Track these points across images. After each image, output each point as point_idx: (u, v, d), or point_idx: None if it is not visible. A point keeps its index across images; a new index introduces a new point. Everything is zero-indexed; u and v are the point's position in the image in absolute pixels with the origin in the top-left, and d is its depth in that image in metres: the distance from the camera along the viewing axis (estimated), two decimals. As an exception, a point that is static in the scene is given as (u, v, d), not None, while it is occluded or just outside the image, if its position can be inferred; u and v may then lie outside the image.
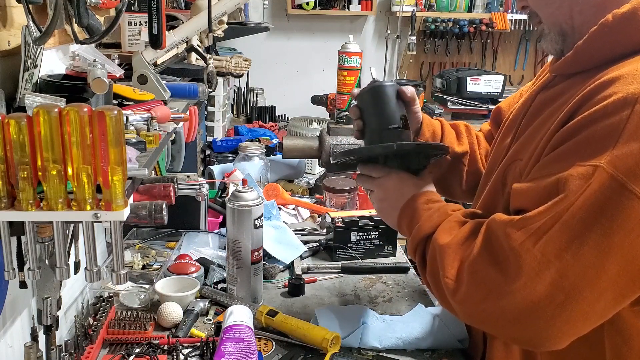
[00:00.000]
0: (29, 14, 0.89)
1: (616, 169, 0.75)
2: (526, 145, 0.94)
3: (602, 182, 0.75)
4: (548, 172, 0.83)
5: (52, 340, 1.00)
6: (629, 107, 0.75)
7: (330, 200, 1.92)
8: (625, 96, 0.77)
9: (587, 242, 0.76)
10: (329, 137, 2.02)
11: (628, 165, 0.74)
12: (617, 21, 0.84)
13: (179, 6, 2.16)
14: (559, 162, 0.82)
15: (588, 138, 0.79)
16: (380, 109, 1.14)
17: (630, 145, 0.75)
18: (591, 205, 0.76)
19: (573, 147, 0.81)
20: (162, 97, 1.35)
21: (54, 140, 0.71)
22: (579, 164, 0.78)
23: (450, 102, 3.64)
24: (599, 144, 0.77)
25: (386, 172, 1.09)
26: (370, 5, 4.03)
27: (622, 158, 0.75)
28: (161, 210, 1.27)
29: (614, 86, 0.79)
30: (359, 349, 1.18)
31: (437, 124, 1.30)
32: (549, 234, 0.77)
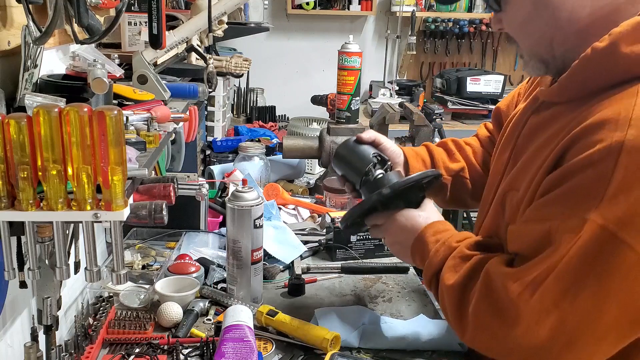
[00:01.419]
0: (29, 14, 0.89)
1: (606, 219, 0.76)
2: (522, 175, 0.95)
3: (592, 233, 0.76)
4: (539, 216, 0.85)
5: (52, 340, 1.00)
6: (613, 157, 0.76)
7: (330, 200, 1.92)
8: (609, 145, 0.77)
9: (583, 290, 0.77)
10: (329, 137, 2.02)
11: (617, 215, 0.75)
12: (597, 55, 0.84)
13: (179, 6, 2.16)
14: (549, 207, 0.84)
15: (576, 187, 0.80)
16: (350, 165, 1.22)
17: (617, 197, 0.76)
18: (584, 256, 0.77)
19: (562, 195, 0.82)
20: (162, 97, 1.35)
21: (54, 140, 0.71)
22: (569, 214, 0.80)
23: (450, 102, 3.64)
24: (587, 195, 0.78)
25: (387, 216, 1.12)
26: (370, 5, 4.03)
27: (610, 209, 0.76)
28: (161, 210, 1.27)
29: (599, 133, 0.79)
30: (359, 349, 1.18)
31: (423, 151, 1.33)
32: (544, 284, 0.79)
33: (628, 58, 0.81)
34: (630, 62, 0.82)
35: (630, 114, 0.78)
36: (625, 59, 0.82)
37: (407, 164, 1.29)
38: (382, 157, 1.19)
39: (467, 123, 3.61)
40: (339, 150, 1.25)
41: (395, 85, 3.86)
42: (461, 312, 0.91)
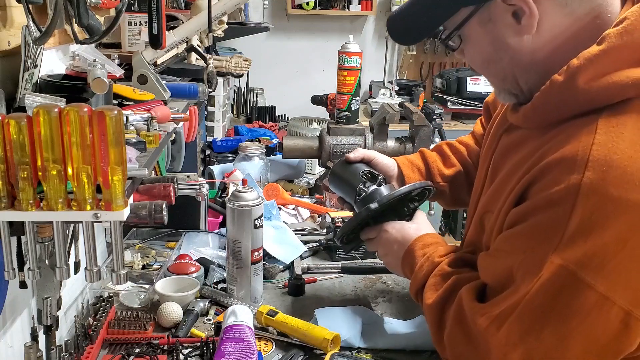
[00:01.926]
0: (29, 14, 0.89)
1: (565, 260, 0.77)
2: (495, 198, 0.96)
3: (553, 272, 0.78)
4: (503, 249, 0.88)
5: (52, 340, 1.00)
6: (571, 199, 0.77)
7: (330, 200, 1.91)
8: (566, 187, 0.77)
9: (546, 327, 0.79)
10: (329, 137, 2.02)
11: (576, 256, 0.76)
12: (556, 89, 0.84)
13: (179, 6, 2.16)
14: (512, 241, 0.86)
15: (537, 226, 0.81)
16: (343, 186, 1.26)
17: (575, 239, 0.76)
18: (545, 294, 0.79)
19: (524, 232, 0.84)
20: (162, 97, 1.35)
21: (54, 140, 0.71)
22: (530, 252, 0.81)
23: (450, 102, 3.64)
24: (547, 235, 0.79)
25: (379, 230, 1.15)
26: (370, 5, 4.03)
27: (569, 251, 0.77)
28: (161, 210, 1.27)
29: (559, 172, 0.80)
30: (359, 349, 1.18)
31: (418, 159, 1.34)
32: (509, 320, 0.82)
33: (586, 93, 0.81)
34: (589, 96, 0.81)
35: (587, 154, 0.77)
36: (583, 94, 0.81)
37: (402, 175, 1.30)
38: (372, 174, 1.22)
39: (467, 123, 3.60)
40: (331, 174, 1.30)
41: (395, 85, 3.86)
42: (439, 332, 0.95)
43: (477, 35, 0.91)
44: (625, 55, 0.79)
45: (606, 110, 0.80)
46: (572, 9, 0.84)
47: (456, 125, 3.59)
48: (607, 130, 0.78)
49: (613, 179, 0.75)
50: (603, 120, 0.80)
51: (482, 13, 0.88)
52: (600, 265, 0.76)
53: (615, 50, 0.79)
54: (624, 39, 0.79)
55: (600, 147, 0.77)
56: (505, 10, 0.86)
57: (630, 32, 0.79)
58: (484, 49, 0.92)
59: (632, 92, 0.79)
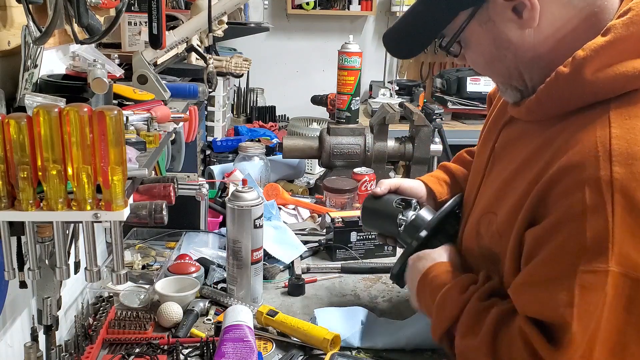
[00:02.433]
0: (29, 14, 0.89)
1: (624, 267, 0.74)
2: (499, 199, 0.93)
3: (617, 285, 0.74)
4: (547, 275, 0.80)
5: (52, 340, 1.00)
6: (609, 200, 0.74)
7: (330, 200, 1.91)
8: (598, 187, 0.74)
9: (628, 345, 0.76)
10: (329, 137, 2.02)
11: (633, 259, 0.74)
12: (562, 81, 0.83)
13: (179, 6, 2.16)
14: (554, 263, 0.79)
15: (578, 237, 0.76)
16: (380, 222, 1.26)
17: (626, 240, 0.74)
18: (617, 311, 0.75)
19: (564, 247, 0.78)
20: (162, 97, 1.35)
21: (54, 140, 0.71)
22: (583, 270, 0.76)
23: (450, 102, 3.64)
24: (595, 245, 0.75)
25: None
26: (370, 5, 4.03)
27: (624, 255, 0.74)
28: (161, 210, 1.27)
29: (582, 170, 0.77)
30: (359, 349, 1.17)
31: (441, 173, 1.33)
32: (594, 356, 0.76)
33: (593, 84, 0.80)
34: (596, 87, 0.80)
35: (608, 149, 0.76)
36: (590, 85, 0.80)
37: (432, 192, 1.29)
38: (405, 200, 1.20)
39: (467, 123, 3.60)
40: (363, 214, 1.28)
41: (395, 85, 3.86)
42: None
43: (478, 37, 0.91)
44: (632, 45, 0.79)
45: (613, 102, 0.80)
46: (570, 0, 0.84)
47: (456, 125, 3.59)
48: (621, 123, 0.78)
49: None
50: (614, 112, 0.79)
51: (481, 14, 0.88)
52: None
53: (621, 41, 0.79)
54: (630, 29, 0.79)
55: (619, 140, 0.76)
56: (504, 7, 0.86)
57: (636, 23, 0.79)
58: (486, 49, 0.92)
59: (638, 83, 0.79)
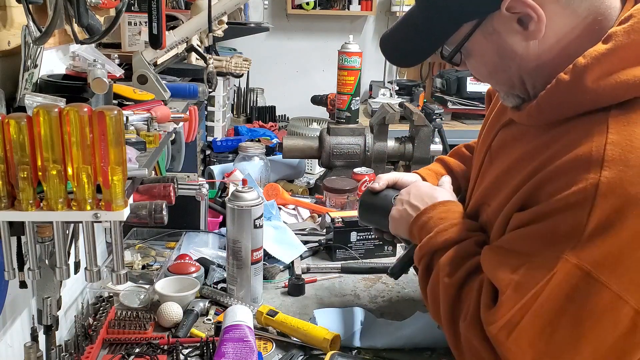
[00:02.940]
0: (29, 14, 0.89)
1: (581, 259, 0.76)
2: (494, 191, 0.95)
3: (567, 272, 0.77)
4: (514, 248, 0.85)
5: (52, 340, 1.00)
6: (589, 200, 0.76)
7: (330, 200, 1.91)
8: (584, 187, 0.77)
9: (558, 330, 0.78)
10: (329, 137, 2.02)
11: (593, 256, 0.76)
12: (563, 88, 0.83)
13: (179, 6, 2.16)
14: (524, 241, 0.84)
15: (553, 227, 0.80)
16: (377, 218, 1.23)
17: (594, 239, 0.76)
18: (558, 295, 0.77)
19: (538, 232, 0.82)
20: (162, 97, 1.35)
21: (54, 140, 0.71)
22: (543, 251, 0.80)
23: (450, 102, 3.64)
24: (564, 235, 0.78)
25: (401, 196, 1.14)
26: (370, 5, 4.03)
27: (586, 251, 0.76)
28: (161, 210, 1.27)
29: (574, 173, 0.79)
30: (359, 349, 1.17)
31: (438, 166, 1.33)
32: (519, 326, 0.80)
33: (594, 92, 0.80)
34: (597, 95, 0.81)
35: (601, 154, 0.77)
36: (591, 93, 0.81)
37: None
38: None
39: (467, 123, 3.60)
40: (361, 208, 1.27)
41: (395, 85, 3.86)
42: (453, 323, 0.92)
43: (481, 48, 0.91)
44: (633, 53, 0.79)
45: (614, 108, 0.80)
46: (574, 9, 0.84)
47: (456, 125, 3.59)
48: (619, 130, 0.78)
49: (631, 177, 0.75)
50: (613, 119, 0.79)
51: (486, 25, 0.87)
52: (614, 265, 0.75)
53: (622, 49, 0.79)
54: (631, 37, 0.79)
55: (614, 146, 0.77)
56: (509, 18, 0.85)
57: (637, 30, 0.79)
58: (489, 60, 0.92)
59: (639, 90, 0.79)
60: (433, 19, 0.91)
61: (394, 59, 1.01)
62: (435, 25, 0.91)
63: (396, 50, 0.99)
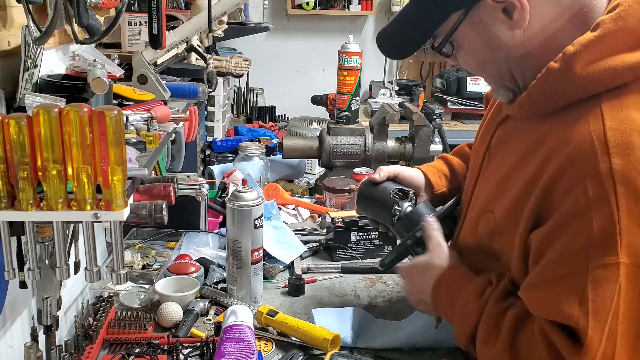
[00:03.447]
0: (29, 14, 0.89)
1: (634, 257, 0.74)
2: (496, 197, 0.94)
3: (629, 276, 0.75)
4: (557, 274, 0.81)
5: (52, 340, 1.00)
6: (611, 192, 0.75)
7: (330, 200, 1.91)
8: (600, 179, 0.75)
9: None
10: (329, 137, 2.02)
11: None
12: (553, 76, 0.84)
13: (179, 6, 2.16)
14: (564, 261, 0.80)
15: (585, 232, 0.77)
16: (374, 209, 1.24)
17: (631, 229, 0.74)
18: (632, 302, 0.75)
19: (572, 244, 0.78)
20: (162, 97, 1.35)
21: (54, 140, 0.71)
22: (593, 265, 0.76)
23: (450, 102, 3.64)
24: (602, 239, 0.76)
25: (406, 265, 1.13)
26: (370, 5, 4.03)
27: (633, 245, 0.74)
28: (161, 210, 1.27)
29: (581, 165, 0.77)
30: (359, 349, 1.17)
31: (442, 164, 1.32)
32: (616, 353, 0.76)
33: (584, 78, 0.81)
34: (586, 82, 0.81)
35: (603, 140, 0.77)
36: (580, 80, 0.82)
37: (430, 183, 1.28)
38: (402, 191, 1.19)
39: (467, 123, 3.60)
40: (359, 197, 1.27)
41: (395, 85, 3.86)
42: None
43: (469, 39, 0.92)
44: (620, 40, 0.81)
45: (604, 95, 0.81)
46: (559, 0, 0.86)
47: (456, 125, 3.59)
48: (614, 115, 0.79)
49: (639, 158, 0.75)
50: (606, 105, 0.80)
51: (472, 15, 0.89)
52: None
53: (610, 36, 0.81)
54: (619, 24, 0.81)
55: (614, 132, 0.77)
56: (495, 8, 0.87)
57: (624, 18, 0.81)
58: (478, 50, 0.93)
59: (628, 76, 0.80)
60: (423, 8, 0.94)
61: (388, 51, 1.03)
62: (425, 14, 0.94)
63: (390, 43, 1.01)
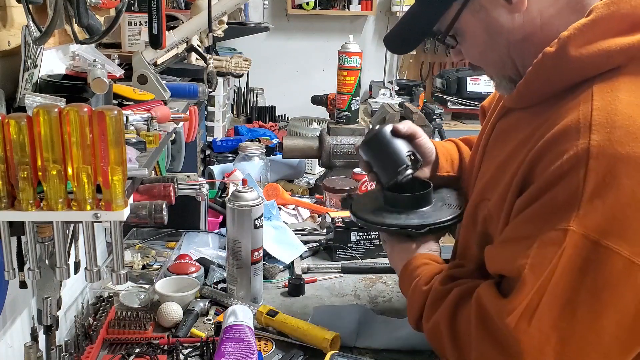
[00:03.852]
0: (29, 14, 0.89)
1: (586, 228, 0.75)
2: (492, 185, 0.95)
3: (575, 245, 0.76)
4: (517, 235, 0.84)
5: (52, 340, 1.00)
6: (582, 165, 0.76)
7: (330, 200, 1.91)
8: (575, 154, 0.77)
9: (579, 306, 0.76)
10: (329, 137, 2.02)
11: (597, 222, 0.75)
12: (548, 60, 0.86)
13: (179, 6, 2.16)
14: (526, 224, 0.83)
15: (551, 201, 0.79)
16: (381, 159, 1.16)
17: (593, 203, 0.75)
18: (571, 271, 0.76)
19: (537, 211, 0.81)
20: (162, 97, 1.35)
21: (54, 140, 0.71)
22: (547, 228, 0.78)
23: (450, 102, 3.64)
24: (563, 207, 0.77)
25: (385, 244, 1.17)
26: (370, 5, 4.03)
27: (589, 217, 0.75)
28: (161, 210, 1.27)
29: (563, 143, 0.79)
30: (359, 349, 1.17)
31: (453, 148, 1.30)
32: (539, 309, 0.77)
33: (578, 60, 0.83)
34: (580, 64, 0.83)
35: (589, 119, 0.79)
36: (574, 62, 0.83)
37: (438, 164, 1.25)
38: (415, 157, 1.16)
39: (467, 123, 3.60)
40: (372, 138, 1.17)
41: (395, 85, 3.86)
42: (457, 347, 0.88)
43: (471, 27, 0.94)
44: (613, 24, 0.83)
45: (597, 78, 0.83)
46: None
47: (456, 125, 3.59)
48: (603, 96, 0.81)
49: (618, 138, 0.76)
50: (597, 87, 0.82)
51: (473, 3, 0.92)
52: (621, 229, 0.74)
53: (602, 20, 0.83)
54: (611, 9, 0.83)
55: (600, 111, 0.79)
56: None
57: (616, 3, 0.83)
58: (480, 38, 0.95)
59: (620, 59, 0.82)
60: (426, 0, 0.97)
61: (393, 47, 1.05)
62: (428, 5, 0.97)
63: (395, 39, 1.03)
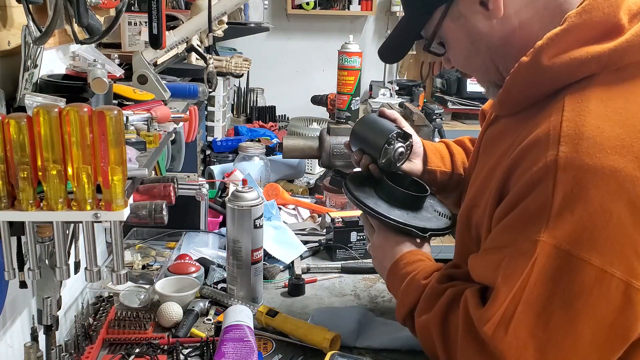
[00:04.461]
0: (29, 14, 0.89)
1: (557, 239, 0.76)
2: (481, 192, 0.96)
3: (547, 255, 0.77)
4: (494, 245, 0.86)
5: (52, 340, 1.00)
6: (551, 176, 0.77)
7: (330, 200, 1.91)
8: (544, 165, 0.78)
9: (553, 315, 0.77)
10: (329, 137, 2.02)
11: (567, 233, 0.76)
12: (523, 70, 0.87)
13: (179, 6, 2.16)
14: (501, 235, 0.85)
15: (523, 212, 0.81)
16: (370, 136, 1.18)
17: (562, 215, 0.76)
18: (543, 281, 0.77)
19: (511, 222, 0.83)
20: (162, 97, 1.35)
21: (54, 140, 0.71)
22: (521, 239, 0.80)
23: (450, 102, 3.64)
24: (534, 218, 0.78)
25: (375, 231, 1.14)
26: (370, 5, 4.03)
27: (559, 228, 0.76)
28: (161, 210, 1.27)
29: (534, 154, 0.80)
30: (359, 349, 1.17)
31: (443, 147, 1.31)
32: (515, 318, 0.79)
33: (550, 70, 0.83)
34: (553, 73, 0.84)
35: (558, 130, 0.79)
36: (548, 71, 0.84)
37: (426, 157, 1.27)
38: (404, 132, 1.17)
39: (467, 123, 3.60)
40: (359, 122, 1.23)
41: (395, 85, 3.86)
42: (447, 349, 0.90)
43: (454, 34, 0.96)
44: (585, 33, 0.83)
45: (571, 88, 0.83)
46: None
47: (456, 125, 3.59)
48: (573, 107, 0.81)
49: (586, 149, 0.77)
50: (569, 97, 0.83)
51: (453, 10, 0.93)
52: (591, 239, 0.75)
53: (575, 29, 0.83)
54: (583, 17, 0.83)
55: (569, 122, 0.80)
56: (472, 1, 0.91)
57: (588, 12, 0.83)
58: (462, 44, 0.96)
59: (593, 67, 0.82)
60: (410, 8, 1.00)
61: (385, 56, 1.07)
62: (412, 14, 0.99)
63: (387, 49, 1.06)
